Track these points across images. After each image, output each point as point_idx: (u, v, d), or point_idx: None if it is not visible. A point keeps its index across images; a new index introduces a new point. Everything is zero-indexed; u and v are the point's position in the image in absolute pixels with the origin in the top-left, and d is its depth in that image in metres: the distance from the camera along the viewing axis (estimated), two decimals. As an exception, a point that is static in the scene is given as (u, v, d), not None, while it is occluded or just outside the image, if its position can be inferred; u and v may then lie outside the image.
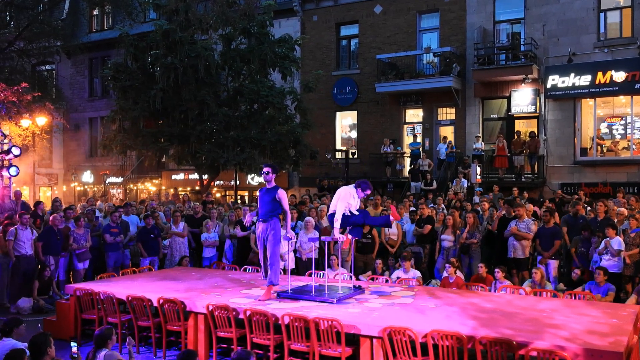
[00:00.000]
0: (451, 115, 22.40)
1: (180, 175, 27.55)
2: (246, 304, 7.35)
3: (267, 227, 7.79)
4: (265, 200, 7.79)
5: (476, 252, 11.47)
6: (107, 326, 5.81)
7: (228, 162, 18.05)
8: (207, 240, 12.52)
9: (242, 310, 7.17)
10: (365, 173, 22.91)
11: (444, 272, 10.36)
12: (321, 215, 13.08)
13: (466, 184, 18.72)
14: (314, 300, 7.55)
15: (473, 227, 11.55)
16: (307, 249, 11.65)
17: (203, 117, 18.42)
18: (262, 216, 7.78)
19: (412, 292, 8.22)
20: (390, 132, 23.08)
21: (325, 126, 24.22)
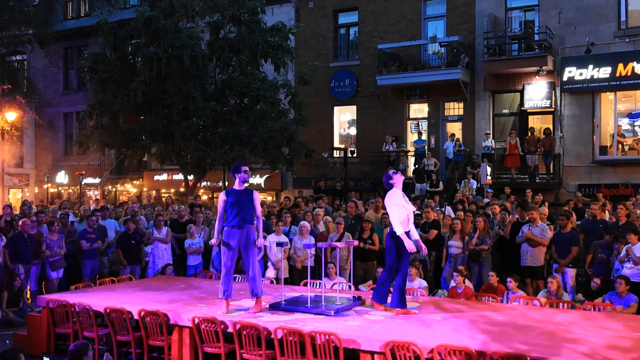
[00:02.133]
0: (459, 110, 22.41)
1: (163, 175, 27.49)
2: (235, 317, 7.31)
3: (244, 234, 7.77)
4: (243, 203, 7.76)
5: (486, 260, 11.46)
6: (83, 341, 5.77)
7: (216, 161, 18.02)
8: (191, 246, 12.49)
9: (231, 324, 7.14)
10: (365, 173, 22.93)
11: (452, 281, 10.33)
12: (317, 219, 13.06)
13: (475, 185, 18.72)
14: (310, 312, 7.53)
15: (483, 232, 11.54)
16: (302, 256, 11.62)
17: (188, 112, 18.39)
18: (240, 222, 7.72)
19: (416, 303, 8.21)
20: (393, 128, 23.09)
21: (322, 122, 24.22)
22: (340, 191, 20.49)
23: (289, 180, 25.30)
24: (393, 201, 7.56)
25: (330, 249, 11.50)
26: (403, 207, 7.57)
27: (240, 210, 7.74)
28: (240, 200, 7.78)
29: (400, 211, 7.56)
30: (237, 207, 7.74)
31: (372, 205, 14.81)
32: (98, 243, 12.37)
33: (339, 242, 10.90)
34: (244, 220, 7.74)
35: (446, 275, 11.59)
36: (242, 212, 7.77)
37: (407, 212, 7.62)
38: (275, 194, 25.71)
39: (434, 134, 22.67)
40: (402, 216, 7.55)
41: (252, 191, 7.95)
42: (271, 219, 13.11)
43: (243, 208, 7.77)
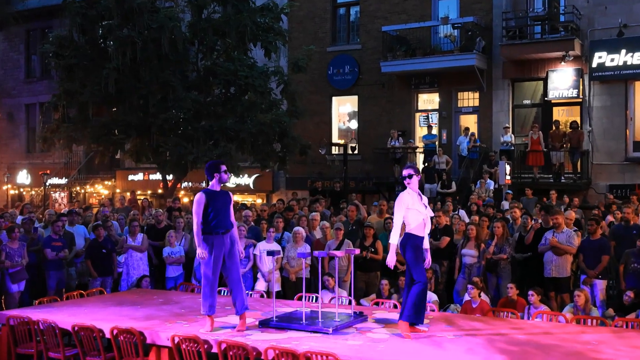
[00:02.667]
0: (474, 101, 22.44)
1: (138, 175, 27.47)
2: (221, 335, 7.33)
3: (229, 242, 7.82)
4: (223, 206, 7.81)
5: (505, 270, 11.48)
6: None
7: (198, 158, 18.00)
8: (171, 256, 12.51)
9: (215, 343, 7.15)
10: (367, 172, 22.94)
11: (466, 294, 10.33)
12: (313, 225, 13.07)
13: (493, 186, 18.75)
14: (305, 330, 7.54)
15: (502, 239, 11.56)
16: (296, 267, 11.64)
17: (167, 103, 18.39)
18: (223, 227, 7.75)
19: (426, 319, 8.22)
20: (399, 122, 23.11)
21: (319, 114, 24.23)
22: (339, 193, 20.51)
23: (281, 181, 25.30)
24: (402, 203, 7.54)
25: (328, 258, 11.50)
26: (416, 210, 7.55)
27: (219, 214, 7.77)
28: (220, 203, 7.81)
29: (412, 215, 7.56)
30: (217, 210, 7.75)
31: (375, 208, 14.82)
32: (65, 252, 12.35)
33: (338, 250, 10.92)
34: (226, 225, 7.79)
35: (459, 288, 11.59)
36: (223, 216, 7.80)
37: (422, 215, 7.61)
38: (265, 196, 25.73)
39: (446, 128, 22.70)
40: (415, 220, 7.56)
41: (229, 193, 8.04)
42: (261, 225, 13.13)
43: (223, 212, 7.81)
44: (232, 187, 25.77)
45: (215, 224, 7.73)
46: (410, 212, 7.55)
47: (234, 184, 25.66)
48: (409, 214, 7.55)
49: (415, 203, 7.56)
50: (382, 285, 11.00)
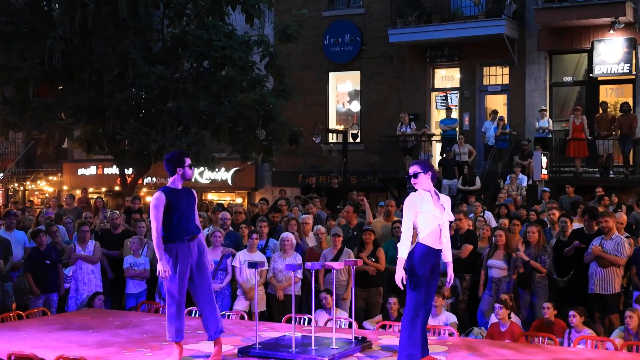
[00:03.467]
0: (503, 78, 22.44)
1: (90, 169, 27.37)
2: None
3: (197, 251, 7.82)
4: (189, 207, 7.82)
5: (541, 286, 11.48)
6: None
7: (164, 148, 17.89)
8: (132, 268, 12.46)
9: (184, 376, 7.13)
10: (372, 165, 22.91)
11: (492, 315, 10.33)
12: (305, 229, 13.04)
13: (526, 182, 18.73)
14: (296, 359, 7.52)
15: (537, 247, 11.54)
16: (285, 282, 11.62)
17: (126, 81, 18.29)
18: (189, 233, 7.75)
19: (443, 346, 8.21)
20: (411, 103, 23.09)
21: (313, 94, 24.18)
22: (337, 190, 20.48)
23: (266, 176, 25.26)
24: (411, 207, 7.36)
25: (324, 271, 11.48)
26: (429, 214, 7.34)
27: (183, 217, 7.72)
28: (184, 204, 7.76)
29: (424, 220, 7.37)
30: (180, 213, 7.70)
31: (381, 210, 14.78)
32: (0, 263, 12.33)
33: (336, 261, 10.89)
34: (192, 230, 7.76)
35: (485, 308, 11.58)
36: (188, 219, 7.77)
37: (438, 221, 7.40)
38: (247, 195, 25.70)
39: (469, 111, 22.68)
40: (427, 227, 7.39)
41: (193, 191, 8.02)
42: (241, 230, 13.08)
43: (188, 214, 7.78)
44: (206, 184, 25.74)
45: (179, 230, 7.66)
46: (420, 217, 7.35)
47: (208, 179, 25.63)
48: (419, 219, 7.36)
49: (428, 205, 7.34)
50: (389, 304, 10.96)
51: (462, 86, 22.79)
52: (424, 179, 7.46)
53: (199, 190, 26.05)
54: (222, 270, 11.71)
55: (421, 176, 7.45)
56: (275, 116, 19.34)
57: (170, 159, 7.89)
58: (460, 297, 11.96)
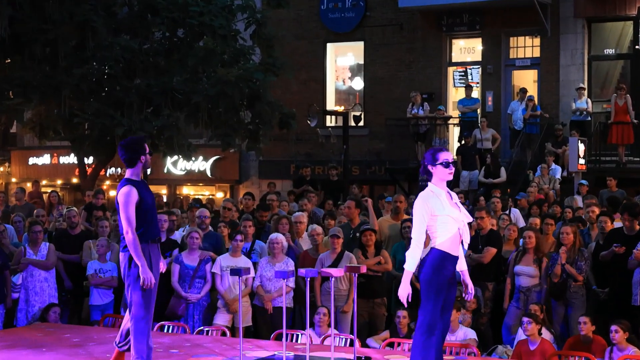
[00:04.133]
0: (534, 50, 22.44)
1: (44, 157, 27.33)
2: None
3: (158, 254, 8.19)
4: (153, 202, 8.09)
5: (577, 296, 11.49)
6: None
7: (131, 133, 17.90)
8: (98, 275, 12.45)
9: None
10: (378, 154, 22.88)
11: (520, 331, 10.33)
12: (299, 230, 13.02)
13: (560, 173, 18.73)
14: (286, 383, 7.52)
15: (573, 251, 11.54)
16: (275, 292, 11.62)
17: (85, 53, 18.27)
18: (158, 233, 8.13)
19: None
20: (424, 80, 23.09)
21: (307, 69, 24.16)
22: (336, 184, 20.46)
23: (252, 166, 25.25)
24: (424, 209, 7.19)
25: (321, 279, 11.47)
26: (448, 217, 7.21)
27: (153, 215, 8.00)
28: (150, 199, 7.99)
29: (442, 225, 7.21)
30: (150, 209, 7.94)
31: (388, 206, 14.78)
32: None
33: (335, 267, 10.87)
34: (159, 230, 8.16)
35: (511, 322, 11.59)
36: (154, 217, 8.05)
37: (458, 224, 7.26)
38: (229, 188, 25.68)
39: (492, 90, 22.68)
40: (446, 232, 7.28)
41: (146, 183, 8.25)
42: (220, 229, 13.06)
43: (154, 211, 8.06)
44: (181, 176, 25.72)
45: (151, 229, 7.88)
46: (438, 220, 7.25)
47: (183, 170, 25.62)
48: (436, 223, 7.24)
49: (445, 206, 7.21)
50: (398, 318, 10.97)
51: (485, 60, 22.79)
52: (444, 173, 7.28)
53: (173, 183, 26.09)
54: (200, 277, 11.70)
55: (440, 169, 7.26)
56: (262, 95, 19.32)
57: (130, 146, 7.97)
58: (482, 309, 11.95)
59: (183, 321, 11.36)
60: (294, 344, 9.43)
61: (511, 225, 13.05)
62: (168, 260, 11.97)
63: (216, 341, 9.78)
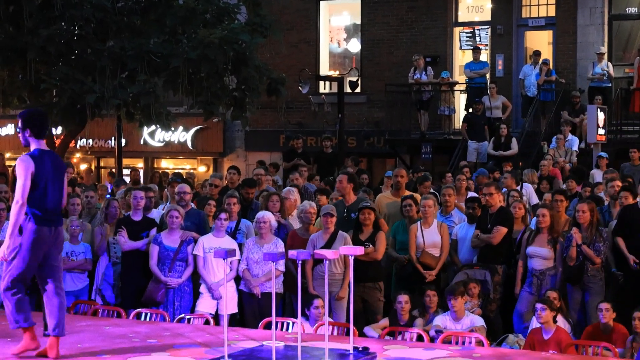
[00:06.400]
0: (548, 9, 22.42)
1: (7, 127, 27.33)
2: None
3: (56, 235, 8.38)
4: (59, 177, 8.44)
5: (596, 281, 11.53)
6: None
7: (103, 101, 17.91)
8: (70, 258, 12.43)
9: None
10: (377, 123, 22.89)
11: (533, 319, 10.39)
12: (289, 207, 13.02)
13: (577, 144, 18.75)
14: (276, 377, 7.55)
15: (592, 231, 11.56)
16: (263, 276, 11.65)
17: (53, 12, 18.20)
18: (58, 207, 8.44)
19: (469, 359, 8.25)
20: (428, 42, 23.08)
21: (299, 30, 24.13)
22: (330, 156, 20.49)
23: (237, 137, 25.25)
24: None
25: (313, 261, 11.48)
26: None
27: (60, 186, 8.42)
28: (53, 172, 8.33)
29: None
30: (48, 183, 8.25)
31: (388, 181, 14.79)
32: None
33: (328, 249, 10.88)
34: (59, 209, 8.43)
35: (523, 309, 11.63)
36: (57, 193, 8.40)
37: None
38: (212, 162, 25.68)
39: (503, 53, 22.69)
40: None
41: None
42: (207, 208, 13.07)
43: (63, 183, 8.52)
44: (159, 147, 25.71)
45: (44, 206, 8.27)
46: None
47: (161, 141, 25.61)
48: None
49: None
50: (399, 303, 11.01)
51: (495, 20, 22.77)
52: None
53: (150, 155, 26.09)
54: (181, 260, 11.72)
55: None
56: (249, 59, 19.29)
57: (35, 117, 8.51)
58: (492, 295, 11.97)
59: (162, 308, 11.40)
60: (284, 333, 9.46)
61: (517, 203, 13.03)
62: (145, 241, 12.06)
63: (199, 330, 9.80)
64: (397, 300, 10.99)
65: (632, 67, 20.27)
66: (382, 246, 11.94)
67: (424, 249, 12.25)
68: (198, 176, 22.54)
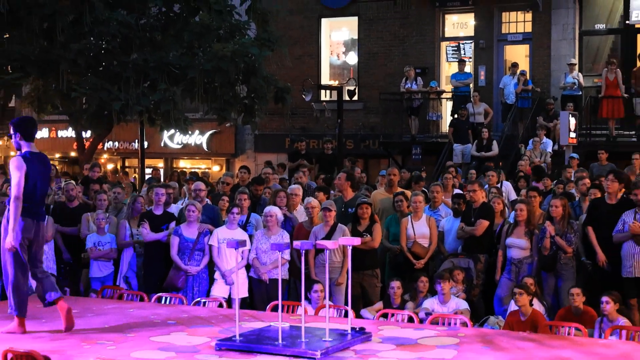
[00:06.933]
0: (525, 25, 22.39)
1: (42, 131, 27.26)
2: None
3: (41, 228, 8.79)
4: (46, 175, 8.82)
5: (568, 269, 11.54)
6: None
7: (128, 107, 17.92)
8: (97, 248, 12.49)
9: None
10: (372, 127, 22.90)
11: (512, 302, 10.40)
12: (294, 202, 13.04)
13: (551, 147, 18.74)
14: (282, 354, 7.54)
15: (564, 224, 11.58)
16: (270, 264, 11.67)
17: (82, 28, 18.20)
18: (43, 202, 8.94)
19: (454, 338, 8.26)
20: (418, 55, 23.05)
21: (302, 44, 24.10)
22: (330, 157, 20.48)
23: (247, 140, 25.24)
24: None
25: (315, 251, 11.51)
26: None
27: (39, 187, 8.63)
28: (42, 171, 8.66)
29: None
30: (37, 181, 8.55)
31: (382, 179, 14.81)
32: None
33: (329, 240, 10.90)
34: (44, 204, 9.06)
35: (503, 294, 11.65)
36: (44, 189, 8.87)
37: None
38: (225, 162, 25.67)
39: (485, 64, 22.66)
40: None
41: None
42: (220, 203, 13.10)
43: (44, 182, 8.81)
44: (178, 149, 25.72)
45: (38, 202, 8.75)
46: None
47: (179, 144, 25.60)
48: None
49: None
50: (391, 289, 11.03)
51: (477, 35, 22.74)
52: None
53: (169, 156, 26.10)
54: (199, 250, 11.76)
55: None
56: (258, 70, 19.30)
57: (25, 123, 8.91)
58: (475, 281, 12.01)
59: (182, 293, 11.42)
60: (289, 315, 9.46)
61: (496, 198, 13.09)
62: (166, 232, 12.09)
63: (213, 312, 9.80)
64: (390, 286, 11.02)
65: (600, 77, 20.26)
66: (378, 236, 12.01)
67: (414, 240, 12.31)
68: (212, 175, 22.51)
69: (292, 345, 7.66)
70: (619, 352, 7.82)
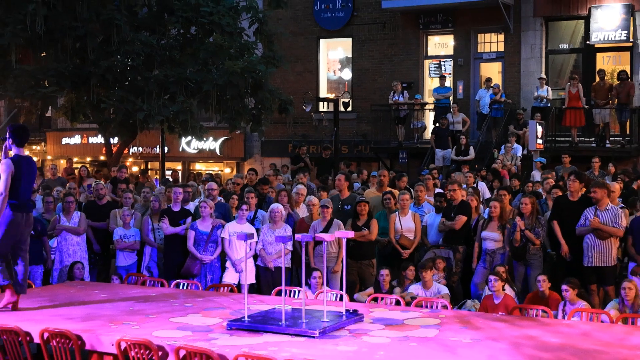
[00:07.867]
0: (498, 45, 22.40)
1: (75, 138, 27.33)
2: (179, 340, 7.33)
3: None
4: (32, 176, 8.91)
5: (535, 258, 11.55)
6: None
7: (150, 117, 17.95)
8: (122, 240, 12.53)
9: (172, 349, 7.14)
10: (364, 135, 22.92)
11: (486, 288, 10.42)
12: (296, 201, 13.05)
13: (521, 151, 18.76)
14: (285, 332, 7.54)
15: (532, 219, 11.59)
16: (275, 254, 11.67)
17: (110, 47, 18.24)
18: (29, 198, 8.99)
19: (436, 319, 8.26)
20: (404, 71, 23.05)
21: (303, 62, 24.12)
22: (327, 161, 20.47)
23: (255, 146, 25.25)
24: None
25: (314, 243, 11.51)
26: None
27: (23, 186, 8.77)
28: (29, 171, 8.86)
29: None
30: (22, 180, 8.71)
31: (373, 180, 14.82)
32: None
33: (326, 233, 10.91)
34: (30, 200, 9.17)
35: (478, 280, 11.68)
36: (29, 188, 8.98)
37: None
38: (235, 165, 25.68)
39: (463, 79, 22.67)
40: None
41: None
42: (231, 201, 13.12)
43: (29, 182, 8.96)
44: (194, 154, 25.76)
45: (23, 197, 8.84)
46: None
47: (195, 149, 25.64)
48: None
49: None
50: (381, 276, 11.03)
51: (456, 53, 22.76)
52: None
53: (187, 160, 26.15)
54: (212, 242, 11.81)
55: None
56: (264, 84, 19.36)
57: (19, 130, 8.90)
58: (454, 269, 12.06)
59: (198, 279, 11.50)
60: (292, 299, 9.47)
61: (470, 196, 13.10)
62: (183, 227, 12.10)
63: (225, 297, 9.81)
64: (380, 274, 11.03)
65: (563, 91, 20.30)
66: (375, 230, 12.04)
67: (402, 233, 12.36)
68: (224, 176, 22.52)
69: (294, 325, 7.66)
70: (580, 331, 7.83)
